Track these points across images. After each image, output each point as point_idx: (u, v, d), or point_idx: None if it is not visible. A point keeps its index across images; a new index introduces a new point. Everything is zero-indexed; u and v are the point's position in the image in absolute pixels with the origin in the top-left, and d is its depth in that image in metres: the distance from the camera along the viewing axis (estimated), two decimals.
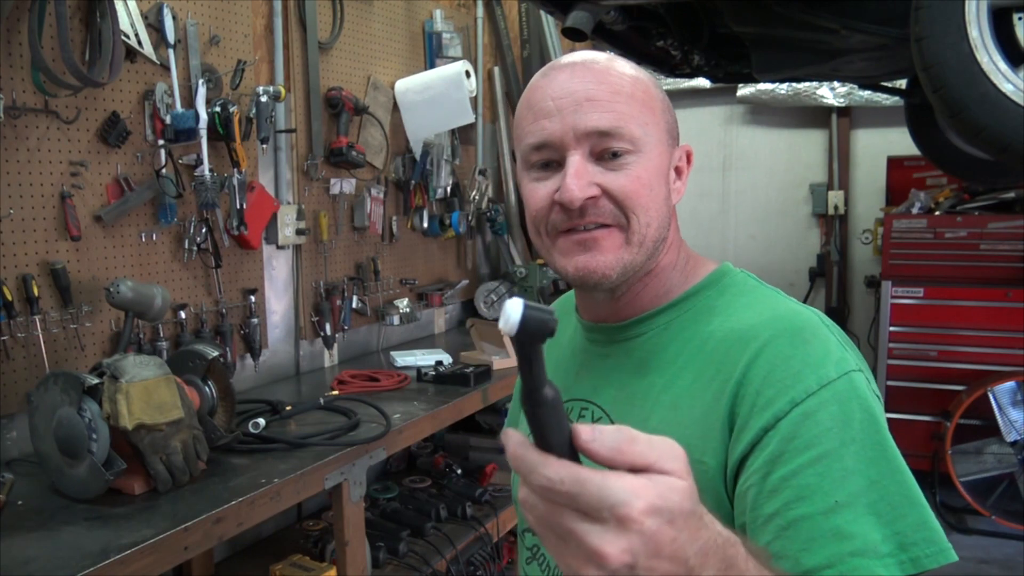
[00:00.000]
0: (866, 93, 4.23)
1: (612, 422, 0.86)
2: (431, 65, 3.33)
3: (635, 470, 0.47)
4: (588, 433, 0.48)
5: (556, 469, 0.47)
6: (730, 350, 0.79)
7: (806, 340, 0.76)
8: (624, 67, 0.86)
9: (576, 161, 0.81)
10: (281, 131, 2.54)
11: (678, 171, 0.90)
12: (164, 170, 2.12)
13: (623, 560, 0.46)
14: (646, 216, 0.83)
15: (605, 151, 0.82)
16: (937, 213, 3.84)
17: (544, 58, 4.03)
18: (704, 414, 0.78)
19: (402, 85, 3.13)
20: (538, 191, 0.85)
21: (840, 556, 0.65)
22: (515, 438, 0.49)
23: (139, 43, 2.08)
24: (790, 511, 0.67)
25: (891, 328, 3.87)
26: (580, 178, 0.81)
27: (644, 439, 0.48)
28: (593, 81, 0.82)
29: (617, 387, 0.89)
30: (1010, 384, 3.46)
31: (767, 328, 0.78)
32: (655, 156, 0.84)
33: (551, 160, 0.84)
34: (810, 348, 0.75)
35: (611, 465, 0.47)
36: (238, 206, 2.29)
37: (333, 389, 2.45)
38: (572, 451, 0.49)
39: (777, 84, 4.25)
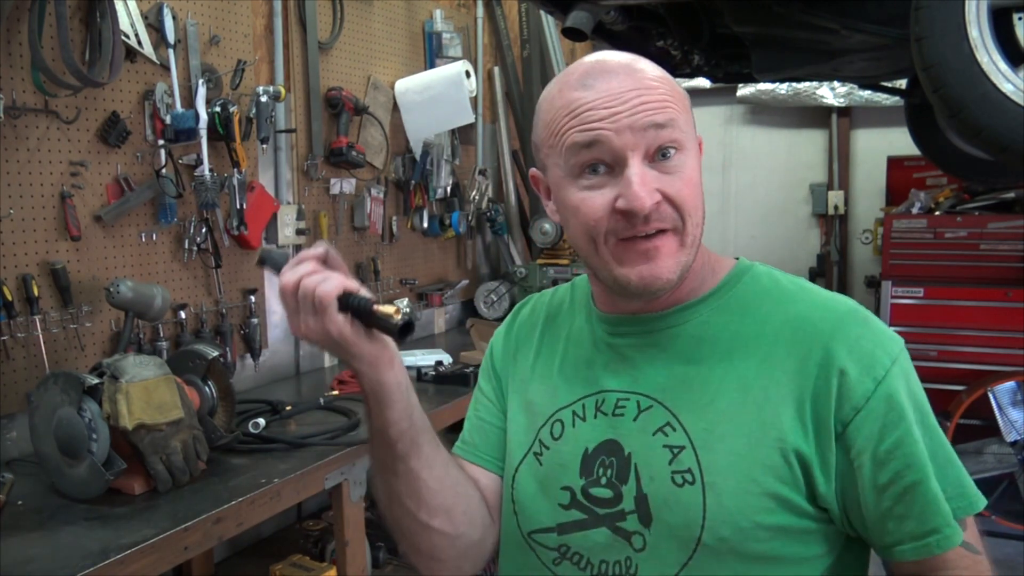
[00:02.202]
0: (866, 93, 4.23)
1: (666, 409, 0.88)
2: (431, 65, 3.33)
3: None
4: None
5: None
6: (797, 334, 0.85)
7: (865, 320, 0.86)
8: (654, 67, 0.87)
9: (638, 165, 0.81)
10: (281, 131, 2.54)
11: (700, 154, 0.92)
12: (164, 170, 2.12)
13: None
14: (697, 216, 0.86)
15: (659, 149, 0.82)
16: (937, 213, 3.84)
17: (544, 58, 4.03)
18: (780, 395, 0.83)
19: (402, 85, 3.13)
20: (594, 200, 0.83)
21: (947, 520, 0.79)
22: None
23: (139, 43, 2.08)
24: (902, 480, 0.80)
25: (891, 328, 3.87)
26: (646, 184, 0.81)
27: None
28: (641, 84, 0.83)
29: (665, 374, 0.90)
30: (1010, 384, 3.46)
31: (831, 311, 0.86)
32: (693, 153, 0.86)
33: (600, 162, 0.82)
34: (871, 327, 0.85)
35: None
36: (238, 206, 2.29)
37: (333, 389, 2.45)
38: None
39: (777, 84, 4.25)
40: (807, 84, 4.33)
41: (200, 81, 2.17)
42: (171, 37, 2.13)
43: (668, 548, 0.84)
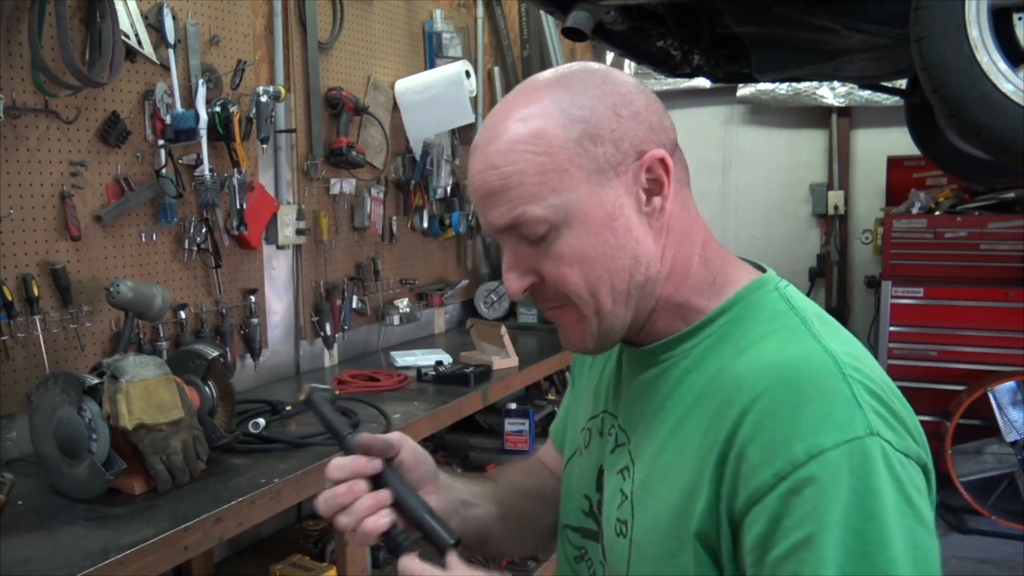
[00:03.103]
0: (866, 93, 4.23)
1: (628, 451, 0.83)
2: (431, 65, 3.33)
3: None
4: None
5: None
6: (727, 398, 0.71)
7: (805, 398, 0.67)
8: (527, 121, 0.74)
9: (508, 251, 0.78)
10: (281, 131, 2.54)
11: (653, 184, 0.77)
12: (164, 170, 2.12)
13: None
14: (586, 288, 0.75)
15: (523, 236, 0.76)
16: (937, 213, 3.84)
17: (544, 58, 4.03)
18: (697, 467, 0.72)
19: (402, 85, 3.13)
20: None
21: None
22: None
23: (139, 43, 2.08)
24: None
25: (891, 328, 3.87)
26: (512, 271, 0.78)
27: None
28: (487, 167, 0.75)
29: (640, 414, 0.83)
30: (1010, 384, 3.46)
31: (766, 377, 0.69)
32: (580, 217, 0.74)
33: None
34: (807, 409, 0.66)
35: None
36: (238, 206, 2.29)
37: (333, 389, 2.45)
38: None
39: (777, 84, 4.25)
40: (807, 84, 4.33)
41: (200, 81, 2.17)
42: (171, 37, 2.13)
43: None
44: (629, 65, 4.74)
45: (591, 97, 0.76)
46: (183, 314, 2.24)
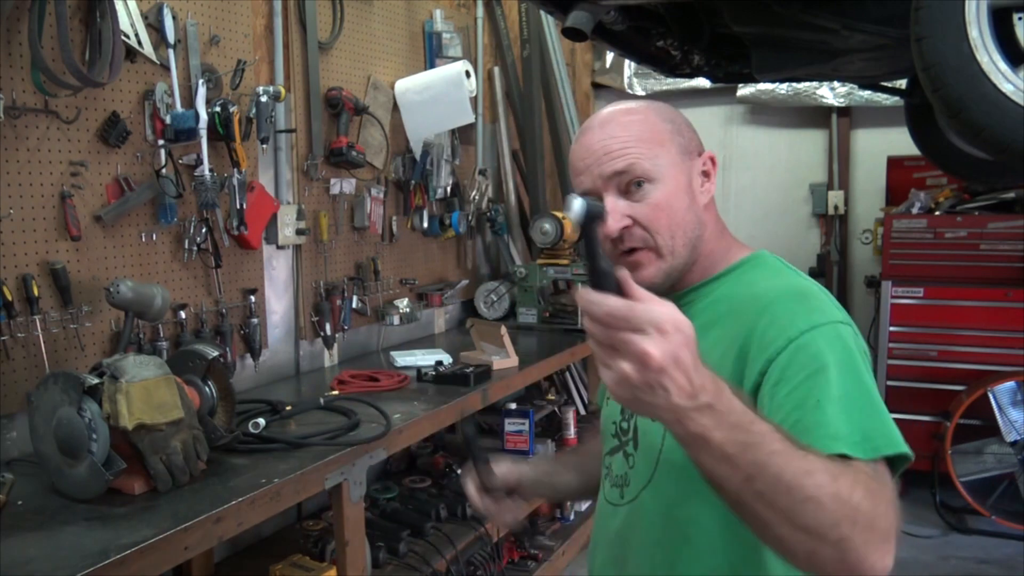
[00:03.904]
0: (866, 93, 4.22)
1: None
2: (431, 65, 3.33)
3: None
4: (628, 281, 0.74)
5: (614, 302, 0.71)
6: (745, 308, 0.99)
7: (806, 299, 0.97)
8: (633, 113, 1.05)
9: (611, 200, 1.02)
10: (281, 131, 2.54)
11: (706, 174, 1.08)
12: (164, 170, 2.12)
13: (661, 360, 0.69)
14: (669, 231, 1.03)
15: (630, 184, 1.02)
16: (937, 213, 3.84)
17: (544, 58, 4.03)
18: (722, 359, 0.96)
19: (402, 85, 3.13)
20: None
21: (820, 439, 0.83)
22: (586, 292, 0.73)
23: (139, 43, 2.08)
24: (791, 417, 0.86)
25: (891, 328, 3.87)
26: (613, 214, 1.01)
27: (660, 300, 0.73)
28: (607, 136, 1.03)
29: None
30: (1010, 384, 3.46)
31: (777, 292, 0.98)
32: (671, 178, 1.03)
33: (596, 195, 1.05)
34: (808, 304, 0.96)
35: (645, 302, 0.72)
36: (238, 206, 2.29)
37: (333, 389, 2.45)
38: (622, 296, 0.73)
39: (777, 84, 4.25)
40: (807, 84, 4.32)
41: (200, 81, 2.17)
42: (171, 37, 2.13)
43: (643, 464, 1.07)
44: (629, 65, 4.75)
45: (668, 110, 1.09)
46: (183, 314, 2.24)
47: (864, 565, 0.76)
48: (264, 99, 2.35)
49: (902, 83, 3.01)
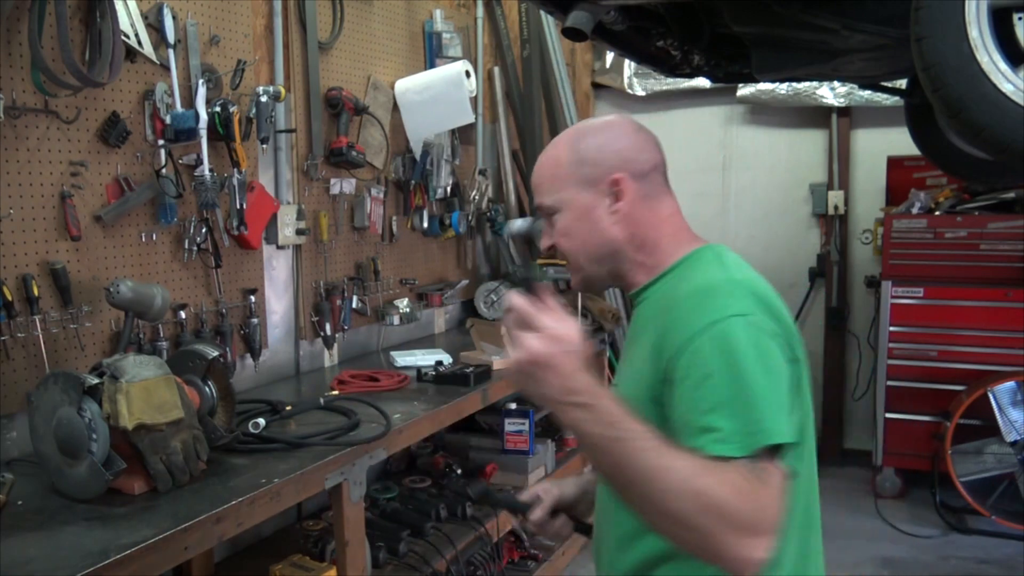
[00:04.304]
0: (866, 93, 4.22)
1: (620, 368, 1.26)
2: (431, 65, 3.33)
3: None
4: (545, 293, 0.98)
5: (522, 303, 0.95)
6: (663, 307, 1.09)
7: (708, 296, 1.04)
8: (550, 150, 1.21)
9: (545, 225, 1.23)
10: (281, 131, 2.54)
11: (615, 195, 1.16)
12: (164, 170, 2.12)
13: (538, 357, 0.92)
14: (573, 251, 1.20)
15: (547, 214, 1.21)
16: (937, 213, 3.84)
17: (544, 58, 4.03)
18: (647, 356, 1.07)
19: (402, 85, 3.13)
20: None
21: (705, 442, 0.92)
22: (512, 292, 0.97)
23: (139, 43, 2.08)
24: (682, 419, 0.97)
25: (891, 328, 3.87)
26: (545, 237, 1.23)
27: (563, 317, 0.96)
28: (534, 173, 1.23)
29: (628, 341, 1.24)
30: (1010, 384, 3.46)
31: (687, 289, 1.07)
32: (570, 209, 1.18)
33: None
34: (707, 301, 1.02)
35: (549, 312, 0.95)
36: (238, 206, 2.29)
37: (333, 389, 2.45)
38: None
39: (777, 84, 4.25)
40: (807, 84, 4.32)
41: (200, 81, 2.17)
42: (171, 37, 2.13)
43: None
44: (629, 65, 4.75)
45: (580, 141, 1.20)
46: (183, 314, 2.24)
47: (727, 555, 0.86)
48: (264, 99, 2.35)
49: (902, 83, 3.01)
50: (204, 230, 2.27)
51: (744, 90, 4.50)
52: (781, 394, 0.96)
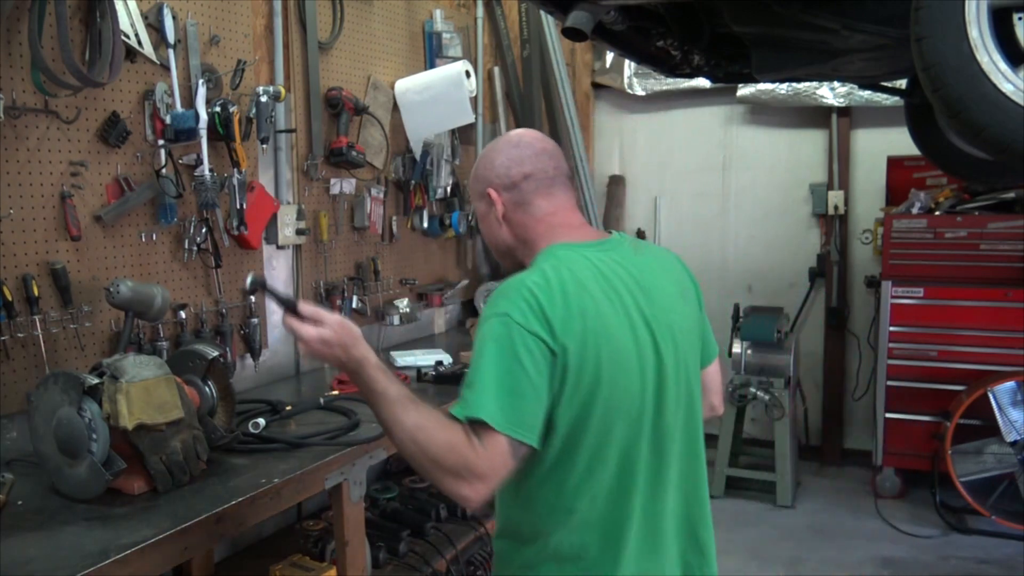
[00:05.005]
0: (866, 93, 4.22)
1: None
2: (431, 65, 3.33)
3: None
4: (302, 304, 1.30)
5: (292, 314, 1.29)
6: None
7: (494, 295, 1.28)
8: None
9: None
10: (281, 131, 2.54)
11: (490, 203, 1.40)
12: (164, 170, 2.12)
13: (311, 335, 1.25)
14: (489, 244, 1.48)
15: None
16: (937, 213, 3.84)
17: (544, 58, 4.03)
18: None
19: (402, 85, 3.13)
20: None
21: (452, 404, 1.23)
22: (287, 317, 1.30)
23: (139, 43, 2.08)
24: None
25: (891, 328, 3.87)
26: None
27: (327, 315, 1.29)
28: None
29: None
30: (1010, 384, 3.46)
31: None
32: (478, 215, 1.46)
33: None
34: (492, 299, 1.27)
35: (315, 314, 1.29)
36: (238, 206, 2.29)
37: (333, 389, 2.45)
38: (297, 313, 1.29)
39: (777, 84, 4.25)
40: (807, 84, 4.32)
41: (200, 81, 2.17)
42: (171, 37, 2.13)
43: None
44: (629, 65, 4.75)
45: (481, 159, 1.45)
46: (183, 314, 2.24)
47: (448, 491, 1.18)
48: (264, 99, 2.35)
49: (902, 83, 3.01)
50: (204, 230, 2.27)
51: (744, 90, 4.50)
52: (497, 383, 1.19)
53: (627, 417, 1.25)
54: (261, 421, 1.91)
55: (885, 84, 3.03)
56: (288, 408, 2.16)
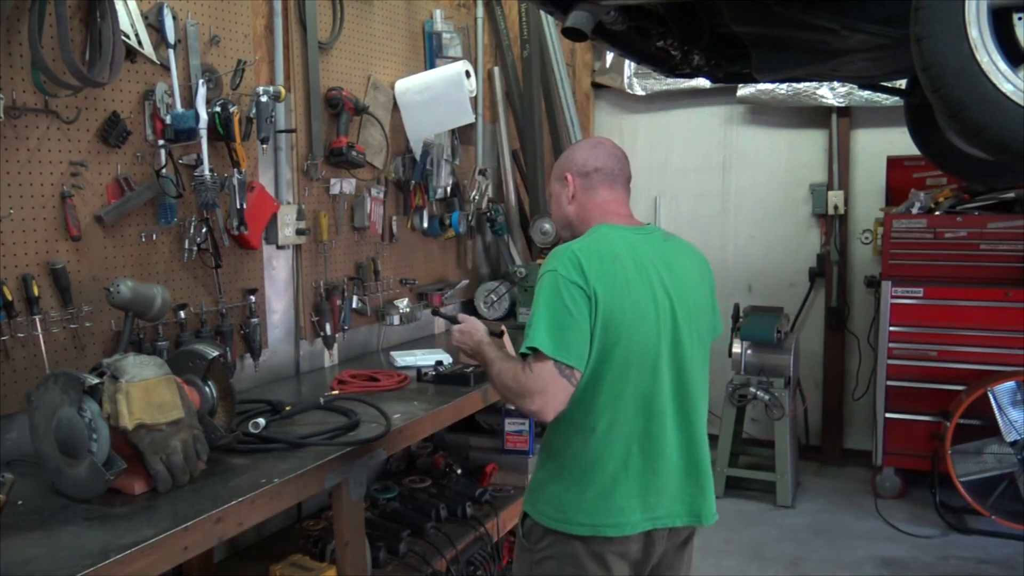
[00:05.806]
0: (866, 93, 4.22)
1: None
2: (431, 65, 3.33)
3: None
4: (459, 316, 1.93)
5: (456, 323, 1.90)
6: None
7: (549, 257, 1.66)
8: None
9: None
10: (281, 131, 2.54)
11: (567, 187, 1.80)
12: (164, 170, 2.12)
13: (457, 338, 1.85)
14: (553, 219, 1.93)
15: None
16: (937, 213, 3.84)
17: (544, 58, 4.03)
18: None
19: (402, 85, 3.13)
20: None
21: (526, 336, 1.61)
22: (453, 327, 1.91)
23: (139, 43, 2.08)
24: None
25: (891, 328, 3.87)
26: None
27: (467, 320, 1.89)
28: None
29: None
30: (1010, 384, 3.46)
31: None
32: (552, 195, 1.86)
33: None
34: (547, 259, 1.65)
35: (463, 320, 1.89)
36: (238, 206, 2.29)
37: (333, 389, 2.45)
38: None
39: (777, 84, 4.25)
40: (807, 84, 4.33)
41: (200, 81, 2.17)
42: (171, 37, 2.13)
43: None
44: (629, 65, 4.75)
45: (566, 152, 1.87)
46: (183, 314, 2.24)
47: (519, 408, 1.62)
48: (264, 99, 2.35)
49: (902, 83, 3.01)
50: (204, 230, 2.27)
51: (744, 90, 4.50)
52: (547, 321, 1.56)
53: (642, 361, 1.61)
54: (261, 421, 1.91)
55: (885, 84, 3.03)
56: (288, 408, 2.16)
